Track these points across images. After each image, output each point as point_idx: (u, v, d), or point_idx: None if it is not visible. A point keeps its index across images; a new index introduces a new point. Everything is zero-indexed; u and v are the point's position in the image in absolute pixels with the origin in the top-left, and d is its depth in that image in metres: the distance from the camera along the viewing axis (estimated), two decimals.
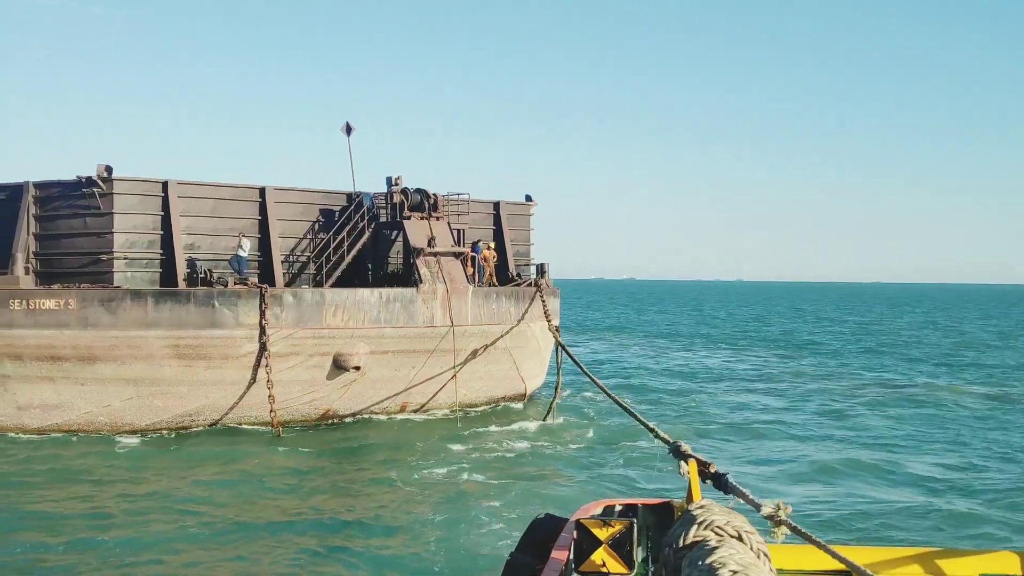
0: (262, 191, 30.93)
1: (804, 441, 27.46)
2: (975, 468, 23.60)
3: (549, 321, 32.14)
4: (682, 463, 6.29)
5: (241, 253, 28.98)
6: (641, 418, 10.18)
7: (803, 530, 4.87)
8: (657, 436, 7.94)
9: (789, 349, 63.31)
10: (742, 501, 5.63)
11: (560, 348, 30.69)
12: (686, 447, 6.43)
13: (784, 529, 4.92)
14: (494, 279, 34.12)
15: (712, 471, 6.00)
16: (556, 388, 31.03)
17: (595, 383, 18.88)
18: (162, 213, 28.85)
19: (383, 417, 29.91)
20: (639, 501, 6.62)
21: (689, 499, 5.73)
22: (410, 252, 31.50)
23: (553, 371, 32.44)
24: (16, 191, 29.05)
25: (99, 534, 17.16)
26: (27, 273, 27.59)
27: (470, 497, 19.91)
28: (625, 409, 12.49)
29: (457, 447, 25.71)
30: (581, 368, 23.16)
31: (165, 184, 28.95)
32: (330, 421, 29.11)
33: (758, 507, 5.23)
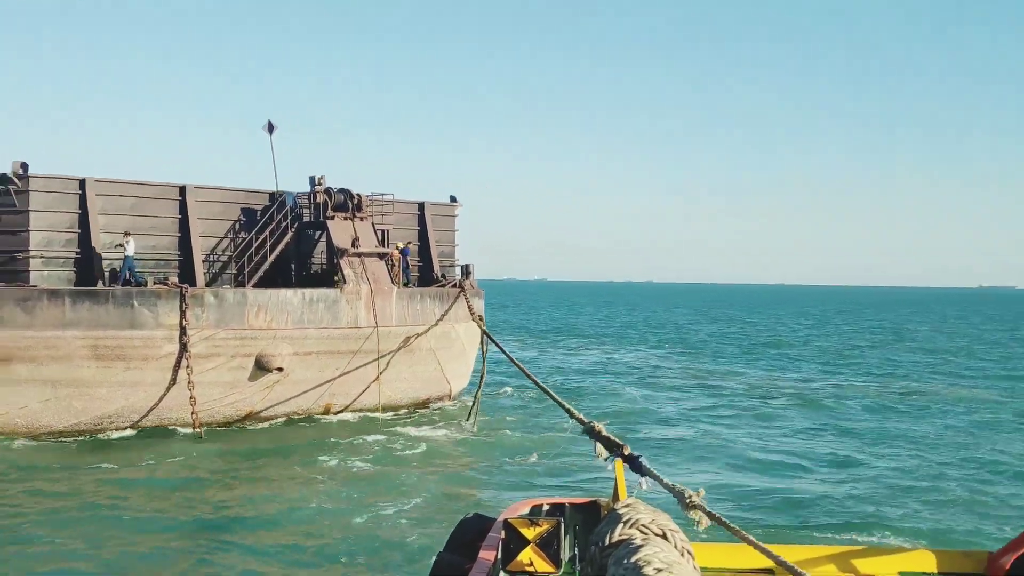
0: (182, 189, 30.49)
1: (708, 437, 27.96)
2: (879, 464, 24.29)
3: (472, 313, 32.20)
4: (598, 445, 6.46)
5: (128, 253, 28.40)
6: (559, 399, 10.42)
7: (717, 515, 5.06)
8: (573, 416, 8.14)
9: (694, 348, 64.42)
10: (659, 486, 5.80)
11: (485, 338, 30.78)
12: (599, 427, 6.61)
13: (700, 514, 5.10)
14: (399, 278, 33.50)
15: (626, 453, 6.17)
16: (479, 385, 30.99)
17: (515, 364, 19.11)
18: (80, 211, 28.30)
19: (306, 419, 29.72)
20: (566, 500, 6.77)
21: (615, 498, 5.89)
22: (334, 252, 31.33)
23: (478, 372, 32.47)
24: None
25: (9, 536, 16.83)
26: None
27: (395, 498, 19.91)
28: (544, 391, 12.76)
29: (380, 448, 25.68)
30: (505, 354, 23.26)
31: (83, 182, 28.40)
32: (252, 423, 28.82)
33: (671, 490, 5.40)
